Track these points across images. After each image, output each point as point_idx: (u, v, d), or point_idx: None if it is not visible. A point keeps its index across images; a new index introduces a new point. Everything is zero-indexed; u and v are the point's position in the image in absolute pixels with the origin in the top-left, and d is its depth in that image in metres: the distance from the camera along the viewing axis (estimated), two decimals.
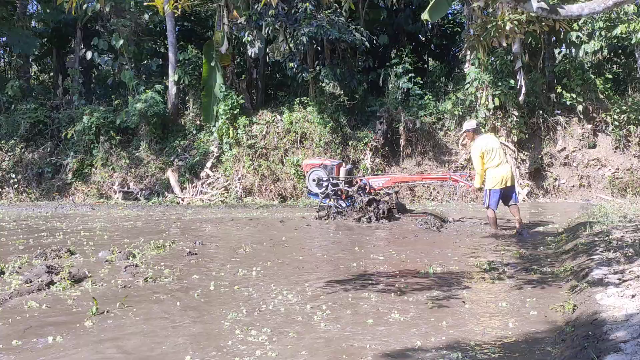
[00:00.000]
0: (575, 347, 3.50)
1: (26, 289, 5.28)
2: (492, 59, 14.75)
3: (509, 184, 8.45)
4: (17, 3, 18.65)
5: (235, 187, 15.29)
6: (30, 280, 5.60)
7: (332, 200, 11.00)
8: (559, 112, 15.01)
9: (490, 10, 10.90)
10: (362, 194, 10.60)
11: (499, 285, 5.43)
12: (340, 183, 10.89)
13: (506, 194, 8.57)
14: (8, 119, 17.02)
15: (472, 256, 6.90)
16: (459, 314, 4.47)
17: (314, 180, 11.09)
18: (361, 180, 11.01)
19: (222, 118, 15.80)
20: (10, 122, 16.91)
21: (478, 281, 5.59)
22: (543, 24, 6.19)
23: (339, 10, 14.89)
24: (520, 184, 14.26)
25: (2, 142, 16.59)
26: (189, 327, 4.25)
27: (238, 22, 16.28)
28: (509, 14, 6.12)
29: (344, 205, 10.91)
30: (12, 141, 16.60)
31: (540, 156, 14.83)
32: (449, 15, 18.90)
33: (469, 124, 9.02)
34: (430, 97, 15.72)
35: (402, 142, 15.09)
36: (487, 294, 5.12)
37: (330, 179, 10.91)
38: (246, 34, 15.56)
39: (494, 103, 14.25)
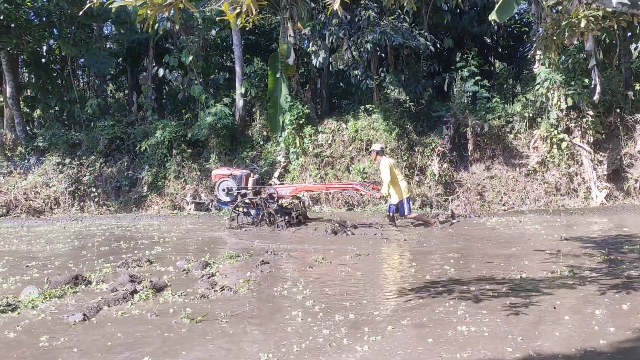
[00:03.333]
0: None
1: (112, 297, 5.53)
2: (564, 57, 14.20)
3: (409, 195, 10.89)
4: (94, 26, 19.74)
5: (303, 195, 15.43)
6: (115, 289, 5.89)
7: (242, 209, 11.64)
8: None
9: (560, 8, 10.53)
10: (271, 203, 11.30)
11: (581, 291, 5.21)
12: (249, 192, 11.50)
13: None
14: (88, 135, 17.96)
15: (551, 262, 6.66)
16: (541, 322, 4.32)
17: (223, 190, 11.78)
18: (269, 189, 11.69)
19: (288, 128, 16.05)
20: (90, 138, 17.85)
21: (560, 287, 5.38)
22: (621, 19, 5.92)
23: (402, 16, 14.80)
24: (598, 186, 13.63)
25: (84, 158, 17.52)
26: (264, 340, 4.33)
27: (302, 33, 16.51)
28: (583, 11, 5.89)
29: (253, 213, 11.55)
30: (93, 157, 17.51)
31: (619, 157, 14.10)
32: (516, 15, 18.37)
33: (377, 145, 11.17)
34: (498, 99, 15.31)
35: (470, 147, 14.77)
36: (570, 301, 4.91)
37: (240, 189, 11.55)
38: (310, 44, 15.76)
39: (567, 103, 13.71)
